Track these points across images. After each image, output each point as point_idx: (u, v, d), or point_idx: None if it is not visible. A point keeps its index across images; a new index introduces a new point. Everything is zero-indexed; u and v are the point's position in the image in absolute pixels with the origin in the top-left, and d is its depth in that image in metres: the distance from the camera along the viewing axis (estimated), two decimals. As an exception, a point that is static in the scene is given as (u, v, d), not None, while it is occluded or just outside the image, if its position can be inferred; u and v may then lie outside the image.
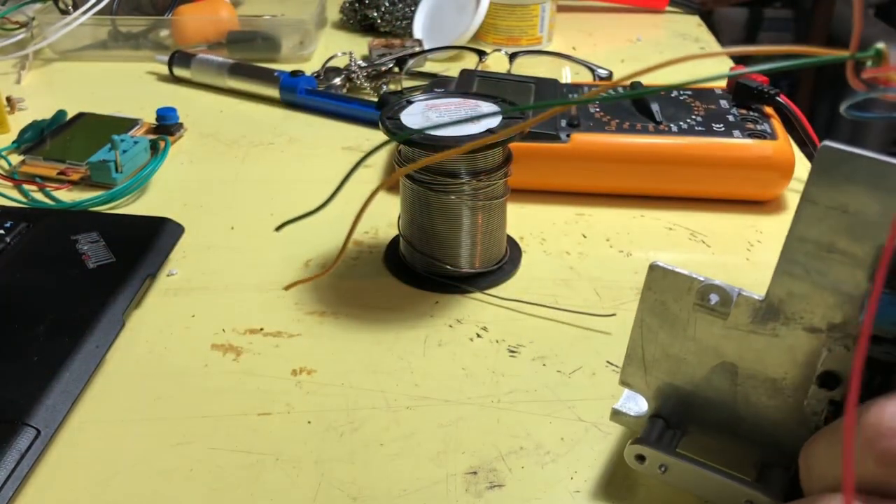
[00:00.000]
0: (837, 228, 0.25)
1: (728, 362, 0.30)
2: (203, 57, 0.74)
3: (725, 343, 0.30)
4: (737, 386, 0.30)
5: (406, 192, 0.45)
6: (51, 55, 0.81)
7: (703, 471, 0.30)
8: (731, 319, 0.29)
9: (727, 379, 0.30)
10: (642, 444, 0.31)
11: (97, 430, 0.37)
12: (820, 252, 0.26)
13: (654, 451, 0.31)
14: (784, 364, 0.29)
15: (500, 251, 0.48)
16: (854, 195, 0.25)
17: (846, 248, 0.26)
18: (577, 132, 0.54)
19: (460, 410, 0.38)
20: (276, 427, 0.37)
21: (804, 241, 0.26)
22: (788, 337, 0.28)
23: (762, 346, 0.29)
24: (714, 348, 0.30)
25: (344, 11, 0.90)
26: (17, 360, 0.38)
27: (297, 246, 0.50)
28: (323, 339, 0.42)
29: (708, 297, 0.29)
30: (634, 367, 0.32)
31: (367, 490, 0.33)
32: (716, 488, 0.30)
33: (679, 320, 0.30)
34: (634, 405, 0.34)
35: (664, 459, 0.31)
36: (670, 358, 0.31)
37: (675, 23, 0.93)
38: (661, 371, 0.32)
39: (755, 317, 0.29)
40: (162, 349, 0.42)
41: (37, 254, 0.46)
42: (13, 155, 0.61)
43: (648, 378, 0.32)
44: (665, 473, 0.31)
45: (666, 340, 0.31)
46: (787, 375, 0.29)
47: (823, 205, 0.25)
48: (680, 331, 0.30)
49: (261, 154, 0.62)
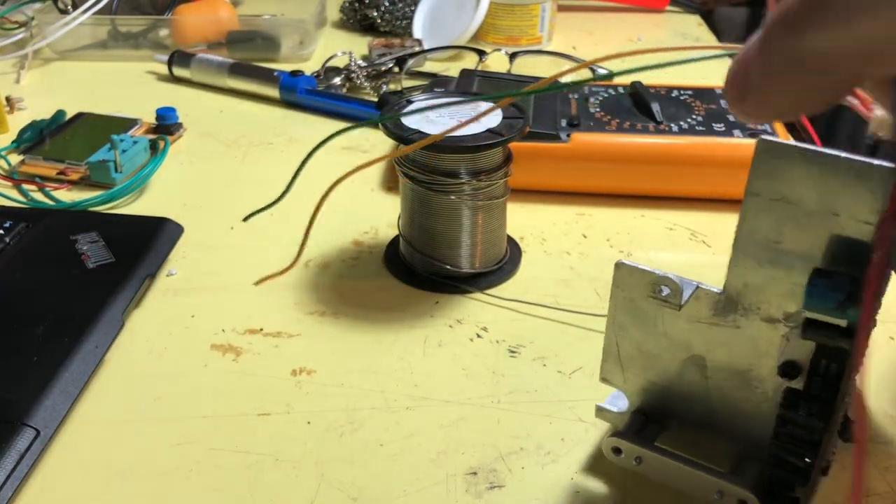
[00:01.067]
0: (782, 219, 0.26)
1: (697, 356, 0.31)
2: (203, 57, 0.74)
3: (692, 337, 0.30)
4: (707, 379, 0.31)
5: (406, 192, 0.45)
6: (50, 55, 0.81)
7: (676, 462, 0.31)
8: (694, 313, 0.30)
9: (698, 372, 0.31)
10: (618, 437, 0.32)
11: (97, 430, 0.37)
12: (768, 243, 0.27)
13: (629, 444, 0.32)
14: (748, 355, 0.30)
15: (500, 251, 0.48)
16: (792, 186, 0.26)
17: (792, 237, 0.26)
18: (577, 132, 0.54)
19: (460, 410, 0.38)
20: (275, 427, 0.37)
21: (753, 232, 0.27)
22: (749, 328, 0.29)
23: (726, 339, 0.30)
24: (683, 342, 0.31)
25: (344, 11, 0.90)
26: (16, 360, 0.38)
27: (297, 246, 0.49)
28: (323, 339, 0.42)
29: (660, 289, 0.30)
30: (612, 363, 0.33)
31: (367, 490, 0.33)
32: (688, 479, 0.31)
33: (648, 316, 0.31)
34: (620, 402, 0.34)
35: (639, 451, 0.32)
36: (644, 354, 0.32)
37: (675, 22, 0.93)
38: (637, 367, 0.33)
39: (716, 309, 0.29)
40: (162, 349, 0.42)
41: (36, 254, 0.46)
42: (13, 155, 0.61)
43: (626, 374, 0.33)
44: (640, 465, 0.32)
45: (638, 337, 0.32)
46: (752, 367, 0.30)
47: (766, 197, 0.26)
48: (650, 326, 0.31)
49: (260, 154, 0.62)
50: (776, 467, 0.29)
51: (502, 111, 0.45)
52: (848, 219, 0.25)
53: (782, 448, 0.29)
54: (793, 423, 0.28)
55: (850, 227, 0.25)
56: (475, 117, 0.39)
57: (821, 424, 0.27)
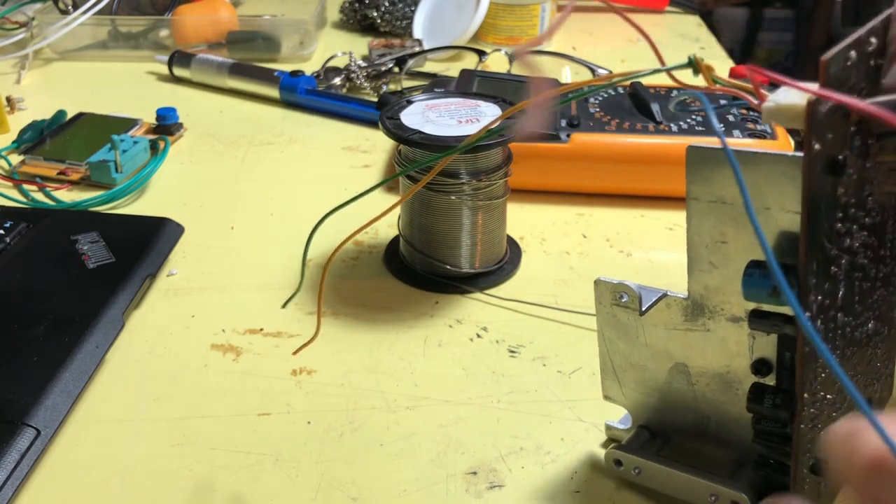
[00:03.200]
0: (722, 219, 0.27)
1: (679, 363, 0.31)
2: (203, 57, 0.74)
3: (671, 344, 0.31)
4: (693, 385, 0.32)
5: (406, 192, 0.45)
6: (51, 55, 0.81)
7: (671, 470, 0.31)
8: (668, 320, 0.31)
9: (683, 380, 0.32)
10: (618, 450, 0.33)
11: (97, 430, 0.37)
12: (716, 244, 0.28)
13: (628, 455, 0.33)
14: (722, 357, 0.30)
15: (500, 251, 0.48)
16: (725, 186, 0.27)
17: (735, 236, 0.27)
18: (577, 132, 0.54)
19: (460, 410, 0.38)
20: (275, 427, 0.37)
21: (700, 235, 0.28)
22: (718, 330, 0.30)
23: (701, 343, 0.30)
24: (663, 351, 0.32)
25: (344, 11, 0.90)
26: (17, 360, 0.38)
27: (298, 246, 0.49)
28: (323, 339, 0.42)
29: (620, 296, 0.31)
30: (610, 379, 0.34)
31: (367, 490, 0.33)
32: (684, 486, 0.31)
33: (630, 329, 0.32)
34: (627, 421, 0.35)
35: (637, 462, 0.32)
36: (634, 367, 0.33)
37: (675, 23, 0.93)
38: (631, 380, 0.33)
39: (686, 315, 0.30)
40: (162, 349, 0.42)
41: (37, 254, 0.46)
42: (13, 155, 0.61)
43: (624, 389, 0.34)
44: (639, 475, 0.32)
45: (626, 349, 0.33)
46: (728, 368, 0.30)
47: (705, 200, 0.27)
48: (634, 338, 0.32)
49: (261, 154, 0.62)
50: (762, 466, 0.30)
51: (502, 111, 0.45)
52: (778, 211, 0.26)
53: (763, 445, 0.29)
54: (761, 416, 0.29)
55: (782, 219, 0.26)
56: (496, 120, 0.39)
57: (786, 414, 0.28)
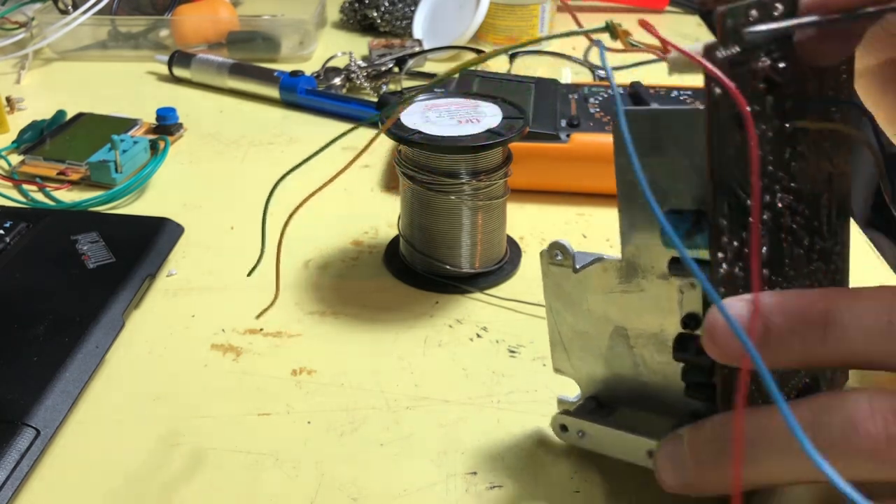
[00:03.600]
0: (656, 176, 0.28)
1: (619, 326, 0.32)
2: (203, 57, 0.74)
3: (610, 308, 0.32)
4: (632, 349, 0.32)
5: (406, 193, 0.45)
6: (50, 55, 0.81)
7: (611, 430, 0.32)
8: (605, 284, 0.32)
9: (623, 344, 0.32)
10: (564, 415, 0.34)
11: (97, 430, 0.37)
12: (640, 203, 0.29)
13: (572, 419, 0.34)
14: (656, 316, 0.31)
15: (500, 251, 0.48)
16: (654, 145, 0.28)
17: (658, 191, 0.28)
18: (576, 132, 0.54)
19: (460, 410, 0.38)
20: (275, 427, 0.37)
21: (627, 196, 0.29)
22: (651, 288, 0.30)
23: (636, 304, 0.31)
24: (604, 316, 0.32)
25: (344, 11, 0.90)
26: (17, 360, 0.38)
27: (297, 246, 0.50)
28: (323, 339, 0.42)
29: (555, 254, 0.32)
30: (559, 352, 0.35)
31: (367, 490, 0.33)
32: (623, 445, 0.32)
33: (573, 297, 0.33)
34: (579, 393, 0.36)
35: (581, 425, 0.33)
36: (579, 335, 0.34)
37: (675, 23, 0.93)
38: (577, 349, 0.34)
39: (622, 277, 0.31)
40: (161, 349, 0.42)
41: (37, 254, 0.46)
42: (13, 155, 0.61)
43: (572, 360, 0.34)
44: (583, 439, 0.33)
45: (571, 319, 0.33)
46: (662, 327, 0.31)
47: None
48: (577, 307, 0.33)
49: (261, 154, 0.62)
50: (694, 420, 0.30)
51: (502, 111, 0.45)
52: (700, 161, 0.27)
53: (694, 397, 0.30)
54: (687, 364, 0.30)
55: (697, 171, 0.27)
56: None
57: (709, 361, 0.28)
